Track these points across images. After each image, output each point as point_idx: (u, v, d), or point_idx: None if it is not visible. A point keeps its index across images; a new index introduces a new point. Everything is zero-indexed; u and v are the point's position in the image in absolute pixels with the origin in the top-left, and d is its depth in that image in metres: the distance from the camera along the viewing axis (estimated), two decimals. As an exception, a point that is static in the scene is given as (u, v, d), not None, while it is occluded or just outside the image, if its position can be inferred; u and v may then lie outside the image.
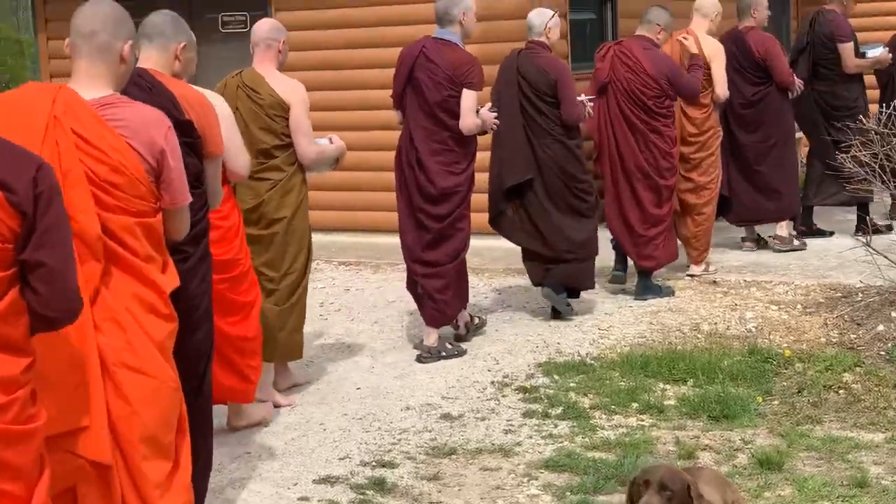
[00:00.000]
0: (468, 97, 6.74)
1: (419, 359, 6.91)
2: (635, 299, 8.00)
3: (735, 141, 9.18)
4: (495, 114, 7.06)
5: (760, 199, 9.17)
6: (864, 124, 7.50)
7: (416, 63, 6.86)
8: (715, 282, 8.33)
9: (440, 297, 6.95)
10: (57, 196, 3.07)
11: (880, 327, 6.82)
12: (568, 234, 7.50)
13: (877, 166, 7.40)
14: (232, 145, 5.03)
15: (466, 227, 7.02)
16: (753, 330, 7.14)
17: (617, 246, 8.34)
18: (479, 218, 9.50)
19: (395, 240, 7.24)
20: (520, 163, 7.46)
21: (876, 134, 7.45)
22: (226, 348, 5.34)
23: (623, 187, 8.10)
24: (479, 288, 8.49)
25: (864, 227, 8.32)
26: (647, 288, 8.07)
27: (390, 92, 7.09)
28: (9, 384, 3.02)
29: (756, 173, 9.15)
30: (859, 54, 9.73)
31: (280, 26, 6.31)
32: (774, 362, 6.51)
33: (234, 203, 5.60)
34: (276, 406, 6.12)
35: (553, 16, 7.55)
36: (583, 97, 7.57)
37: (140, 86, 4.22)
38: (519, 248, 7.73)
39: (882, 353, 6.49)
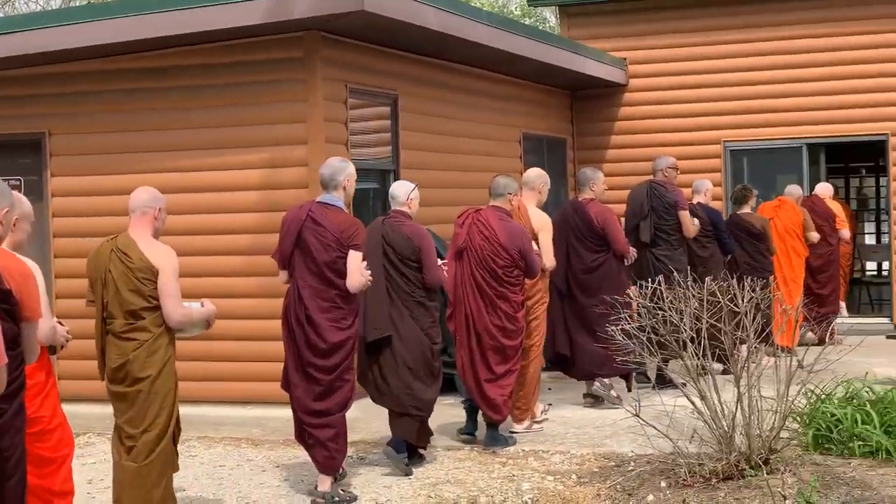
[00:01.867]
0: (354, 258, 7.12)
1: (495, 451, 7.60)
2: (483, 449, 8.32)
3: (576, 303, 9.77)
4: (369, 272, 7.27)
5: (600, 355, 9.23)
6: (631, 297, 7.82)
7: (303, 226, 7.19)
8: (494, 452, 8.30)
9: (332, 445, 7.21)
10: None
11: (650, 497, 6.78)
12: (416, 390, 7.76)
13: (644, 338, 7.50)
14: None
15: (352, 377, 7.31)
16: (529, 502, 7.06)
17: (469, 407, 8.65)
18: (259, 387, 9.34)
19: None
20: (381, 320, 7.79)
21: (642, 307, 7.60)
22: (32, 499, 5.28)
23: (473, 345, 8.38)
24: (257, 460, 8.38)
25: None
26: (494, 439, 8.42)
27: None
28: None
29: (595, 333, 9.24)
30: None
31: (158, 195, 6.53)
32: (549, 535, 6.57)
33: (42, 364, 5.63)
34: None
35: (414, 188, 8.12)
36: (440, 262, 8.07)
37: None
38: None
39: None
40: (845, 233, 14.57)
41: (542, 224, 9.05)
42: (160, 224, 6.49)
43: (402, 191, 8.11)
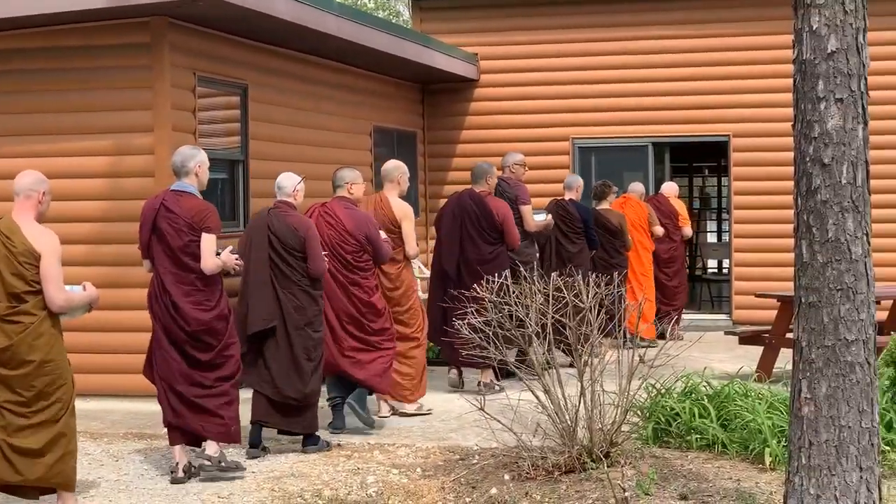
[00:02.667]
0: (207, 240, 7.26)
1: (201, 471, 7.34)
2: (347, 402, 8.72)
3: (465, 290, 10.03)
4: (236, 256, 7.42)
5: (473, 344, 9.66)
6: (478, 292, 7.93)
7: (157, 214, 7.30)
8: (339, 444, 8.29)
9: (225, 413, 7.38)
10: None
11: (493, 490, 6.84)
12: (300, 379, 7.94)
13: (490, 333, 7.56)
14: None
15: (235, 352, 7.44)
16: (374, 495, 7.05)
17: (334, 406, 8.81)
18: (99, 379, 9.14)
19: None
20: (266, 310, 7.98)
21: (489, 301, 7.64)
22: None
23: (337, 331, 8.57)
24: (95, 454, 8.21)
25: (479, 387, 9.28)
26: (360, 400, 8.66)
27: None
28: None
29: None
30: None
31: (42, 178, 6.54)
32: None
33: None
34: None
35: (300, 181, 8.32)
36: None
37: None
38: (137, 410, 7.56)
39: None
40: (687, 230, 15.03)
41: (404, 213, 9.33)
42: (44, 208, 6.51)
43: (289, 182, 8.27)
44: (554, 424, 7.30)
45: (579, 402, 7.23)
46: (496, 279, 7.72)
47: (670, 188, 15.28)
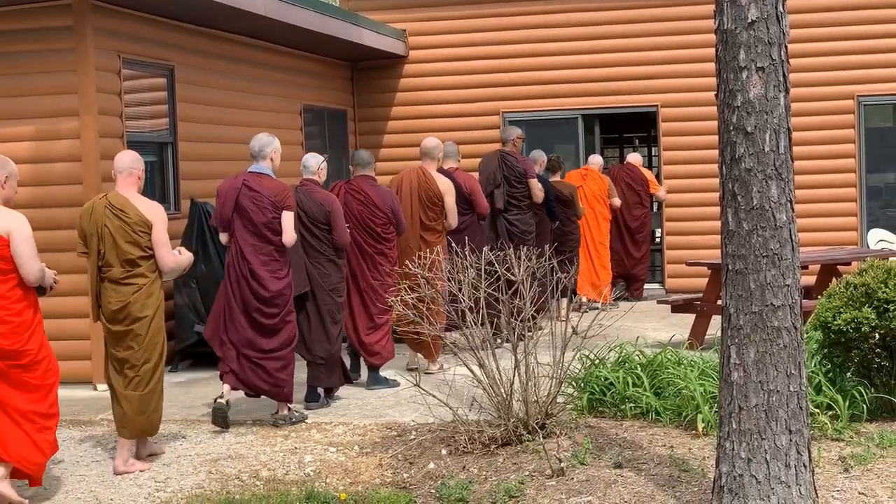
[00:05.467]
0: (288, 217, 8.19)
1: (275, 423, 8.20)
2: (367, 389, 9.35)
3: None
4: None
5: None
6: (410, 268, 7.98)
7: (239, 193, 8.06)
8: (276, 424, 8.23)
9: (281, 376, 8.20)
10: None
11: (431, 465, 6.88)
12: (327, 339, 8.81)
13: (423, 308, 7.64)
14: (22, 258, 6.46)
15: (293, 319, 8.31)
16: (312, 474, 7.07)
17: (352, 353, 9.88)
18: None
19: None
20: (300, 278, 8.69)
21: (422, 277, 7.71)
22: (22, 421, 6.49)
23: (355, 300, 9.44)
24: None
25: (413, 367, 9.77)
26: (376, 380, 9.50)
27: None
28: None
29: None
30: None
31: (138, 157, 7.32)
32: (331, 506, 6.61)
33: (30, 304, 6.57)
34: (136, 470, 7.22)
35: (323, 160, 9.15)
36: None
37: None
38: (72, 397, 7.56)
39: (433, 490, 6.55)
40: (661, 194, 15.26)
41: (447, 188, 10.04)
42: (142, 183, 7.34)
43: (314, 162, 9.09)
44: (489, 398, 7.32)
45: (514, 375, 7.26)
46: (469, 248, 7.82)
47: (636, 157, 15.60)
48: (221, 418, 8.14)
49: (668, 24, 15.24)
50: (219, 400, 8.23)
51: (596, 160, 14.67)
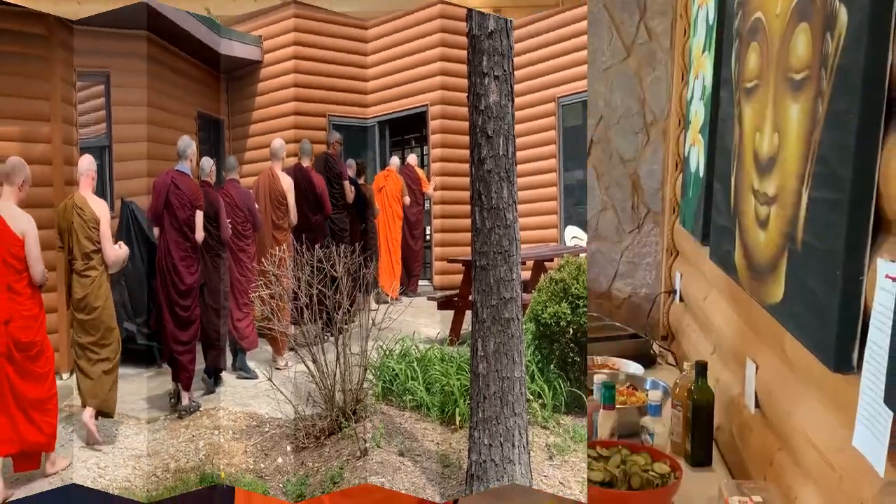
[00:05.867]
0: (200, 216, 8.43)
1: (180, 415, 8.39)
2: (232, 371, 9.44)
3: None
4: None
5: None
6: (265, 266, 8.28)
7: (169, 190, 8.24)
8: (180, 416, 8.68)
9: (190, 367, 8.35)
10: None
11: (280, 460, 7.53)
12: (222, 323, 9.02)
13: (274, 305, 7.99)
14: (32, 259, 6.75)
15: (199, 314, 8.51)
16: (203, 458, 7.78)
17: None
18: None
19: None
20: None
21: (273, 275, 8.08)
22: (29, 409, 6.79)
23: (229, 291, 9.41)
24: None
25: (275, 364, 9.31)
26: (243, 365, 9.59)
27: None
28: None
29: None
30: None
31: (92, 160, 7.52)
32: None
33: (38, 300, 6.90)
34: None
35: (213, 163, 9.16)
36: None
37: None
38: None
39: (281, 485, 7.22)
40: (430, 191, 16.37)
41: (288, 186, 9.97)
42: (95, 184, 7.63)
43: (207, 164, 9.11)
44: (320, 391, 7.93)
45: (336, 367, 7.81)
46: (318, 245, 8.33)
47: (413, 158, 16.91)
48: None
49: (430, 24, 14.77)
50: (181, 412, 8.39)
51: (395, 161, 13.95)
